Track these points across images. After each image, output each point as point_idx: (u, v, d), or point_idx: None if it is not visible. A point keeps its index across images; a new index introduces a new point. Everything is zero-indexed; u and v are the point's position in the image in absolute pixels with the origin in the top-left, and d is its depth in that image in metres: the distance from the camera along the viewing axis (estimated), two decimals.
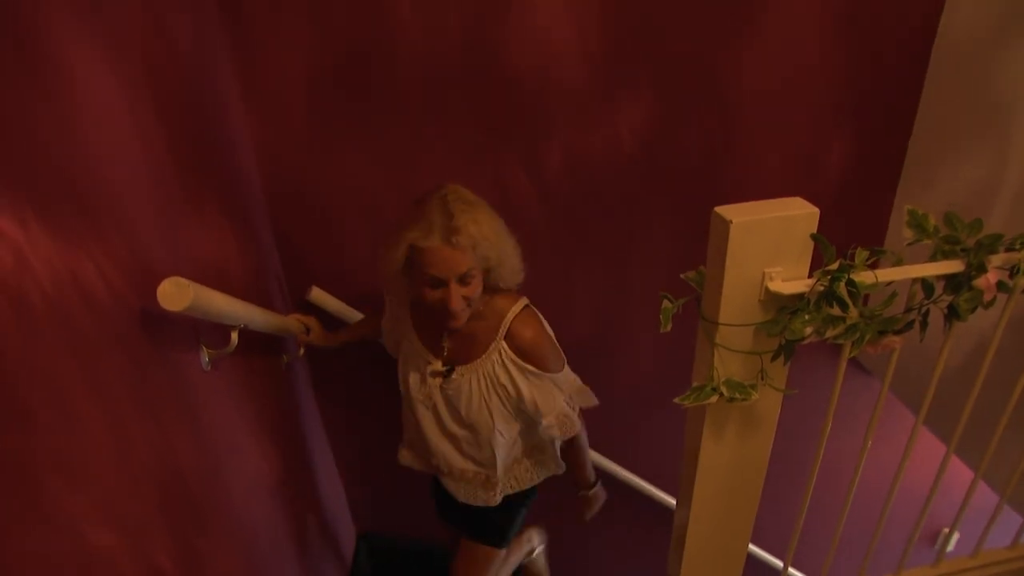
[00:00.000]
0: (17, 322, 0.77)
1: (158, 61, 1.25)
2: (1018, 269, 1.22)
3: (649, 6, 1.82)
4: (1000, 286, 1.22)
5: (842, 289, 1.08)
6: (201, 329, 1.34)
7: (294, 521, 1.85)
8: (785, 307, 1.11)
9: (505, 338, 1.53)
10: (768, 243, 1.07)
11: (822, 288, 1.09)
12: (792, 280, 1.10)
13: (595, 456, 2.52)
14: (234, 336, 1.37)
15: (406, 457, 1.87)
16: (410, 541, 2.76)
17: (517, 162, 1.97)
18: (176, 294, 1.04)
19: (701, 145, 2.05)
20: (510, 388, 1.56)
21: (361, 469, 2.53)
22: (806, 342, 1.13)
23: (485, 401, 1.58)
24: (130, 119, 1.12)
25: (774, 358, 1.14)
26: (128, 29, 1.16)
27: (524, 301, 1.57)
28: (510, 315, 1.53)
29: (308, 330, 1.84)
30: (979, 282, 1.20)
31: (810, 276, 1.12)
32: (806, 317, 1.09)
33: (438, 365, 1.60)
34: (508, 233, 1.47)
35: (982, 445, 1.56)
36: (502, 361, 1.54)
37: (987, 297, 1.21)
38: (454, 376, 1.59)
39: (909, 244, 1.23)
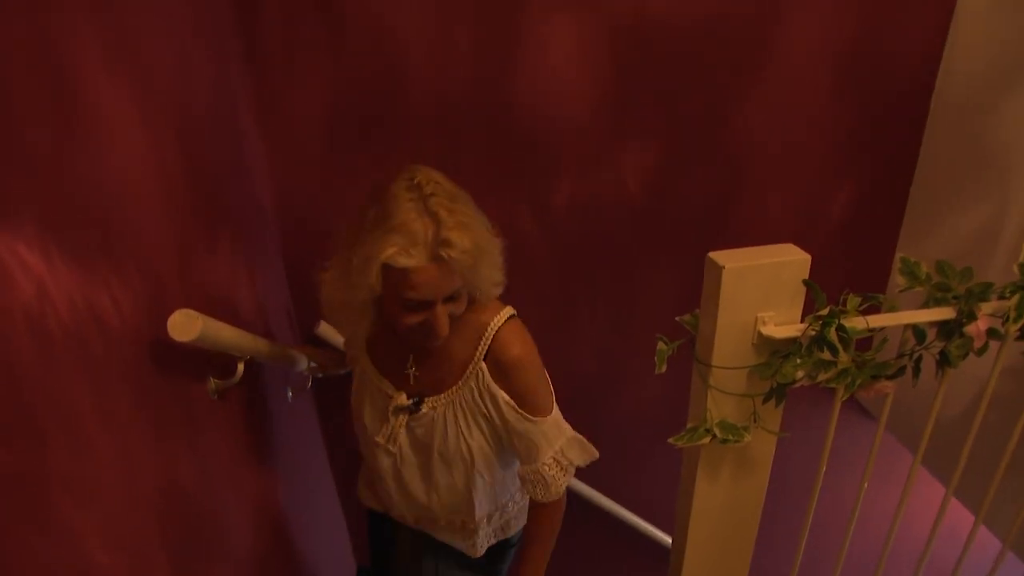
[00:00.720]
0: (36, 349, 0.81)
1: (181, 97, 1.32)
2: (1008, 317, 1.25)
3: (658, 54, 1.88)
4: (991, 333, 1.25)
5: (833, 335, 1.10)
6: (209, 359, 1.37)
7: (294, 551, 1.86)
8: (777, 351, 1.13)
9: (485, 357, 1.27)
10: (761, 288, 1.10)
11: (813, 333, 1.12)
12: (784, 324, 1.13)
13: (593, 493, 2.52)
14: (240, 367, 1.40)
15: (368, 498, 1.61)
16: None
17: (524, 200, 2.03)
18: (186, 325, 1.08)
19: (705, 193, 2.10)
20: (495, 417, 1.30)
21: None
22: (798, 385, 1.15)
23: (464, 437, 1.32)
24: (152, 154, 1.17)
25: (766, 400, 1.16)
26: (157, 69, 1.22)
27: (509, 311, 1.30)
28: (492, 327, 1.27)
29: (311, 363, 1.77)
30: (970, 329, 1.23)
31: (803, 321, 1.15)
32: (798, 361, 1.12)
33: (402, 398, 1.33)
34: (491, 232, 1.21)
35: (984, 490, 1.56)
36: (484, 385, 1.28)
37: (977, 344, 1.24)
38: (424, 410, 1.31)
39: (901, 291, 1.26)
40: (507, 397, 1.28)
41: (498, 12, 1.77)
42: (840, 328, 1.10)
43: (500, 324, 1.28)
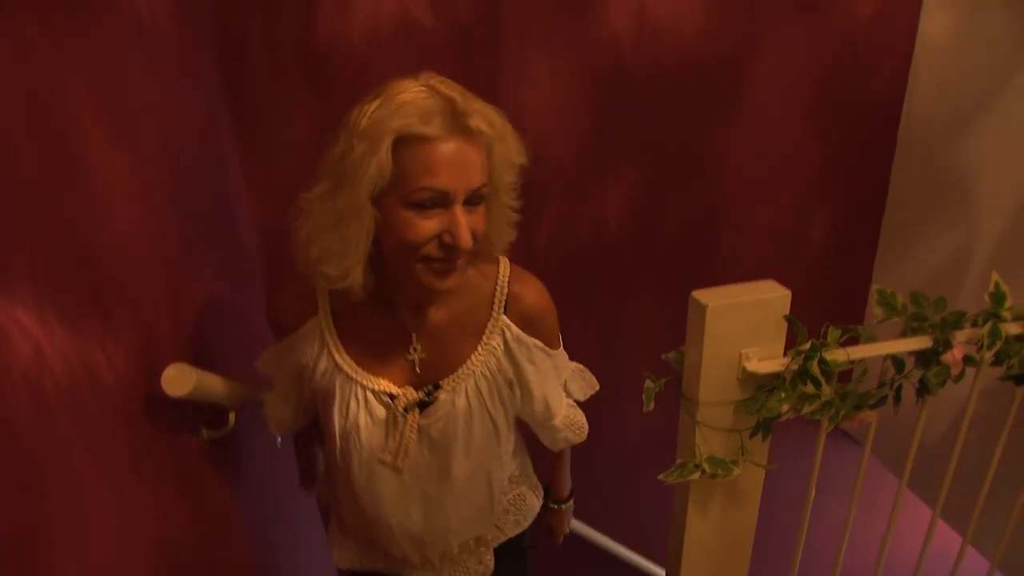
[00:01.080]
0: (34, 408, 0.82)
1: (170, 146, 1.34)
2: (983, 344, 1.29)
3: (637, 92, 1.94)
4: (967, 360, 1.28)
5: (815, 368, 1.13)
6: (201, 408, 1.37)
7: None
8: (762, 386, 1.16)
9: (506, 309, 1.10)
10: (743, 325, 1.13)
11: (796, 367, 1.15)
12: (768, 360, 1.16)
13: (585, 529, 2.52)
14: (232, 417, 1.40)
15: (347, 558, 1.34)
16: None
17: None
18: (179, 380, 1.09)
19: (686, 228, 2.15)
20: (516, 385, 1.13)
21: None
22: (783, 419, 1.18)
23: (491, 415, 1.13)
24: (143, 207, 1.19)
25: (752, 435, 1.19)
26: (146, 121, 1.24)
27: (504, 258, 1.14)
28: (503, 276, 1.11)
29: None
30: (946, 357, 1.26)
31: (786, 355, 1.18)
32: (782, 395, 1.15)
33: (411, 393, 1.09)
34: None
35: (971, 512, 1.59)
36: (505, 346, 1.10)
37: (954, 372, 1.27)
38: (442, 398, 1.09)
39: (879, 322, 1.29)
40: (539, 343, 1.13)
41: (479, 52, 1.82)
42: (822, 361, 1.14)
43: (508, 271, 1.12)
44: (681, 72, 1.92)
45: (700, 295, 1.11)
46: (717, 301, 1.10)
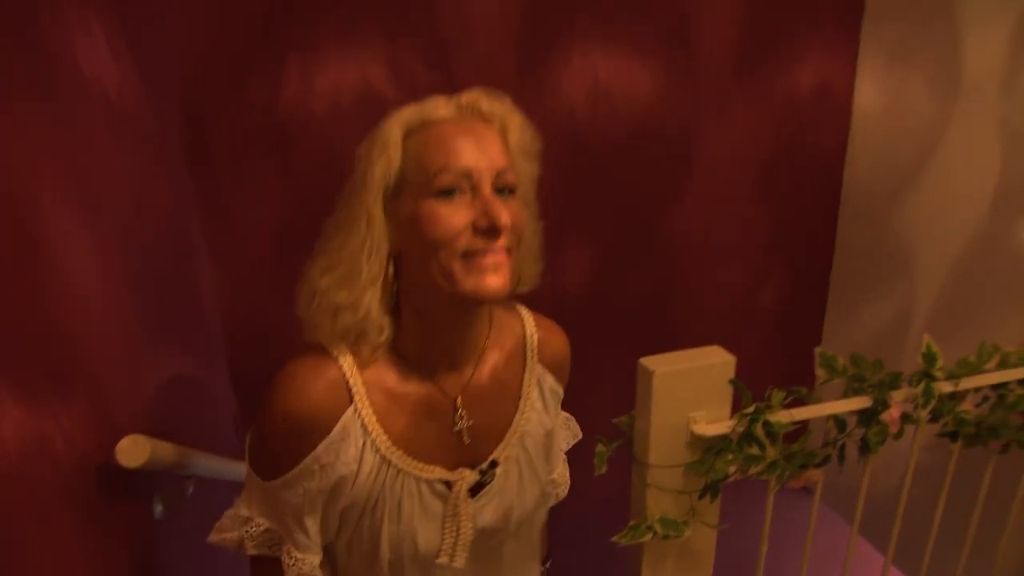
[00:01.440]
0: None
1: (133, 221, 1.36)
2: (918, 403, 1.35)
3: (593, 162, 2.02)
4: (905, 419, 1.34)
5: (759, 430, 1.18)
6: (156, 477, 1.36)
7: None
8: (710, 448, 1.20)
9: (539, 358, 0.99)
10: (690, 390, 1.18)
11: (742, 429, 1.19)
12: (715, 423, 1.20)
13: None
14: (187, 485, 1.40)
15: None
16: None
17: None
18: (134, 451, 1.09)
19: (642, 293, 2.22)
20: (549, 439, 1.03)
21: None
22: (731, 479, 1.22)
23: (539, 481, 1.00)
24: (104, 283, 1.20)
25: (701, 496, 1.22)
26: (109, 195, 1.26)
27: (522, 306, 1.04)
28: (528, 322, 1.00)
29: None
30: (885, 416, 1.32)
31: (732, 417, 1.22)
32: (729, 457, 1.19)
33: (467, 474, 0.91)
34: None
35: (922, 559, 1.63)
36: (542, 398, 1.00)
37: (893, 430, 1.33)
38: (498, 471, 0.93)
39: (821, 383, 1.35)
40: (561, 391, 1.04)
41: None
42: (766, 423, 1.18)
43: (531, 317, 1.01)
44: (634, 144, 2.02)
45: (647, 362, 1.16)
46: (664, 368, 1.14)
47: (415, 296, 0.86)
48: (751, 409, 1.18)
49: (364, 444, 0.86)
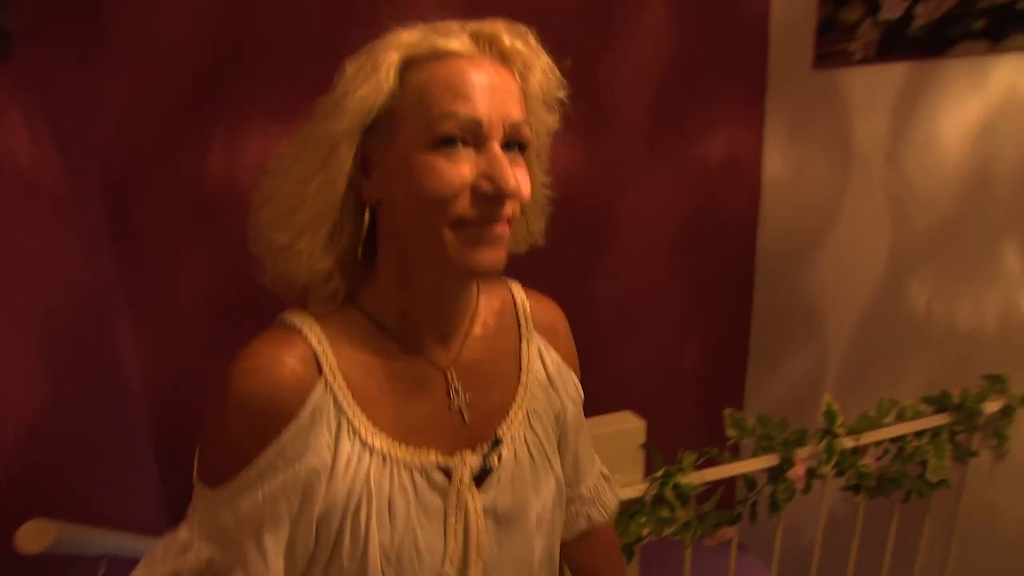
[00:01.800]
0: None
1: (46, 300, 1.34)
2: (821, 460, 1.42)
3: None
4: (811, 474, 1.41)
5: (669, 492, 1.23)
6: (69, 561, 1.32)
7: None
8: (624, 511, 1.24)
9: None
10: (603, 454, 1.21)
11: (654, 492, 1.23)
12: (628, 486, 1.24)
13: None
14: (100, 566, 1.35)
15: None
16: None
17: None
18: (36, 535, 1.07)
19: None
20: (560, 427, 0.88)
21: None
22: (646, 541, 1.25)
23: (551, 467, 0.83)
24: (9, 364, 1.18)
25: None
26: (21, 275, 1.25)
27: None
28: (516, 288, 0.90)
29: None
30: (790, 474, 1.39)
31: (644, 480, 1.27)
32: (642, 520, 1.23)
33: (468, 457, 0.74)
34: None
35: None
36: (546, 371, 0.86)
37: (798, 486, 1.39)
38: (505, 453, 0.77)
39: (731, 443, 1.41)
40: (576, 379, 0.92)
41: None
42: (676, 486, 1.23)
43: (519, 288, 0.90)
44: (555, 213, 2.10)
45: None
46: None
47: (395, 248, 0.72)
48: (660, 472, 1.23)
49: (339, 428, 0.69)
